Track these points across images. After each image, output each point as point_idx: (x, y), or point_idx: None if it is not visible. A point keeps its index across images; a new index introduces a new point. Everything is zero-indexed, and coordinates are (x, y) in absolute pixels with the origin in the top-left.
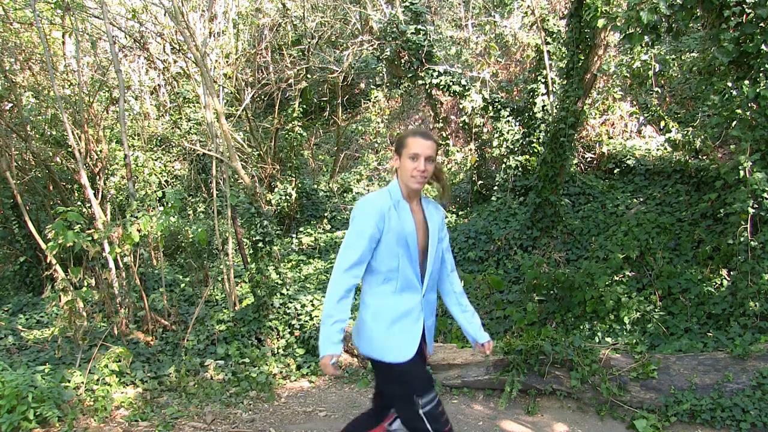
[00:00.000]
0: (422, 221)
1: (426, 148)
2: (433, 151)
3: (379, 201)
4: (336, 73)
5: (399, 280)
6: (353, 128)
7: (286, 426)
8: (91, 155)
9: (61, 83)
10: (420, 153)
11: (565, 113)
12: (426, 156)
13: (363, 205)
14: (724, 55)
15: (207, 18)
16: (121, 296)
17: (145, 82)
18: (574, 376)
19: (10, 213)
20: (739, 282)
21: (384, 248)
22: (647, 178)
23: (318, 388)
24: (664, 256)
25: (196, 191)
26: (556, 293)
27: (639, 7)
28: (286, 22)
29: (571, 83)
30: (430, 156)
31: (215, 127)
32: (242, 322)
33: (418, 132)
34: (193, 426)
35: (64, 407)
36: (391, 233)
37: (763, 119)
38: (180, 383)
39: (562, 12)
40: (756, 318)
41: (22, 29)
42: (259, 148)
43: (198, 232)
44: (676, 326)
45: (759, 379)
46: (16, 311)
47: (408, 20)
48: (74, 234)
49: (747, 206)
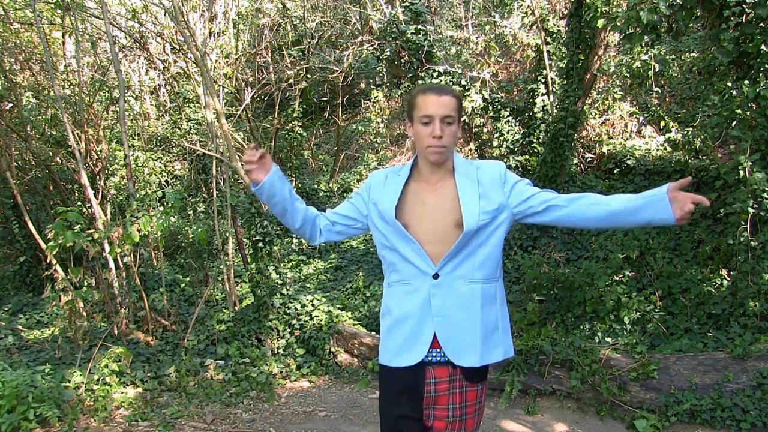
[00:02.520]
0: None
1: (441, 105)
2: (452, 108)
3: (377, 174)
4: (336, 73)
5: (399, 267)
6: (353, 128)
7: (286, 426)
8: (91, 155)
9: (61, 83)
10: (433, 114)
11: (565, 113)
12: (442, 116)
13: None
14: (724, 55)
15: (207, 18)
16: (121, 296)
17: (145, 82)
18: (574, 376)
19: (10, 213)
20: (739, 282)
21: (372, 225)
22: (647, 178)
23: (318, 388)
24: (664, 256)
25: (196, 191)
26: (556, 293)
27: (639, 7)
28: (286, 22)
29: (571, 83)
30: (448, 116)
31: (215, 127)
32: (242, 322)
33: (430, 87)
34: (193, 426)
35: (64, 407)
36: (372, 206)
37: (763, 119)
38: (180, 383)
39: (562, 12)
40: (756, 318)
41: (22, 29)
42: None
43: (198, 232)
44: (676, 326)
45: (759, 379)
46: (16, 311)
47: (408, 20)
48: (74, 234)
49: (747, 206)
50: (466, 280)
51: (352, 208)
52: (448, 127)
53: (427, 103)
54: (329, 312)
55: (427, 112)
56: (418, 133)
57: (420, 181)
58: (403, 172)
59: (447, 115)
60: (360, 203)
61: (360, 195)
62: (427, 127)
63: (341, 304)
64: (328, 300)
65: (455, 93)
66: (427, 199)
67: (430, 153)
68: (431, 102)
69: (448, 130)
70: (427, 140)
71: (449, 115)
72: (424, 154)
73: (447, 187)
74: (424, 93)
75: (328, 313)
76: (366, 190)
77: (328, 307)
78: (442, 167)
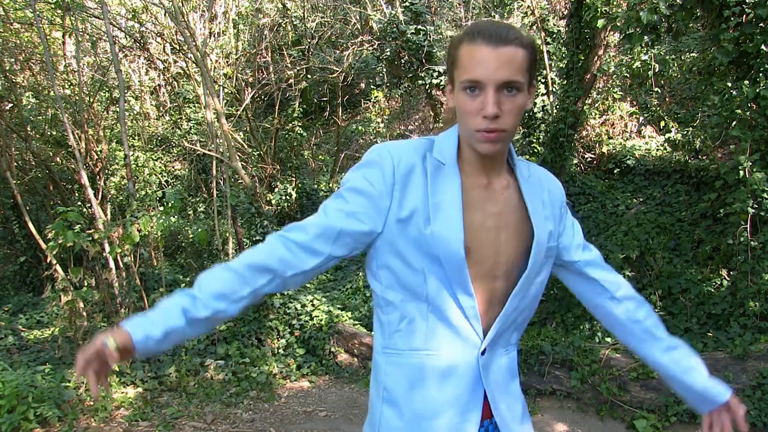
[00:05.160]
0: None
1: (500, 64)
2: (517, 68)
3: (399, 150)
4: (336, 73)
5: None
6: (353, 128)
7: (286, 426)
8: (91, 155)
9: (61, 83)
10: (484, 78)
11: (564, 113)
12: (500, 82)
13: (369, 153)
14: (724, 55)
15: (207, 18)
16: (121, 296)
17: (145, 82)
18: (574, 376)
19: (10, 213)
20: (739, 282)
21: (389, 250)
22: (647, 178)
23: (318, 388)
24: (664, 256)
25: (196, 191)
26: (556, 293)
27: (639, 7)
28: (286, 22)
29: (571, 83)
30: (510, 83)
31: (215, 127)
32: (242, 322)
33: (484, 29)
34: (193, 426)
35: (64, 407)
36: (406, 212)
37: (763, 119)
38: (180, 383)
39: (562, 12)
40: (756, 318)
41: (22, 29)
42: (259, 148)
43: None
44: (676, 326)
45: (759, 379)
46: (16, 311)
47: (408, 20)
48: (74, 234)
49: (747, 206)
50: (504, 347)
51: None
52: (510, 98)
53: (476, 58)
54: (329, 312)
55: (474, 74)
56: (460, 105)
57: (472, 175)
58: (442, 155)
59: (509, 80)
60: (369, 215)
61: (369, 196)
62: (473, 98)
63: (341, 304)
64: (329, 300)
65: (524, 39)
66: (489, 208)
67: (478, 140)
68: (483, 56)
69: (510, 104)
70: (474, 120)
71: (513, 81)
72: (471, 139)
73: (511, 192)
74: (472, 40)
75: (329, 312)
76: (384, 184)
77: (328, 307)
78: (502, 159)
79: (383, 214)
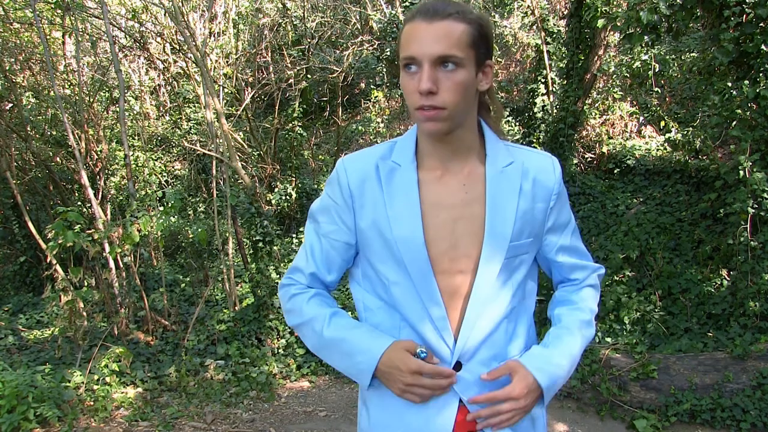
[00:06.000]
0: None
1: (434, 39)
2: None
3: (353, 162)
4: (336, 73)
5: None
6: (353, 128)
7: (286, 426)
8: (91, 155)
9: (61, 83)
10: (418, 54)
11: (565, 113)
12: (433, 57)
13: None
14: (724, 55)
15: (207, 18)
16: (121, 296)
17: (145, 82)
18: (574, 376)
19: (10, 213)
20: (739, 282)
21: (363, 258)
22: (647, 178)
23: (318, 388)
24: (664, 256)
25: (196, 191)
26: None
27: (639, 7)
28: (286, 22)
29: (571, 83)
30: (446, 56)
31: (215, 127)
32: (242, 322)
33: (420, 8)
34: (193, 426)
35: (64, 407)
36: (366, 222)
37: (763, 119)
38: (180, 383)
39: (562, 12)
40: (756, 318)
41: (22, 29)
42: (259, 148)
43: (198, 232)
44: (676, 326)
45: (759, 379)
46: (16, 311)
47: None
48: (74, 234)
49: (747, 206)
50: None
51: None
52: (448, 74)
53: (412, 35)
54: None
55: (409, 51)
56: (402, 85)
57: (429, 168)
58: (400, 155)
59: (443, 54)
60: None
61: (335, 214)
62: (411, 76)
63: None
64: None
65: (469, 15)
66: (445, 199)
67: (420, 119)
68: (418, 32)
69: (448, 81)
70: (412, 98)
71: (449, 55)
72: (416, 120)
73: (475, 181)
74: (411, 18)
75: None
76: (342, 200)
77: None
78: (463, 145)
79: (352, 227)
